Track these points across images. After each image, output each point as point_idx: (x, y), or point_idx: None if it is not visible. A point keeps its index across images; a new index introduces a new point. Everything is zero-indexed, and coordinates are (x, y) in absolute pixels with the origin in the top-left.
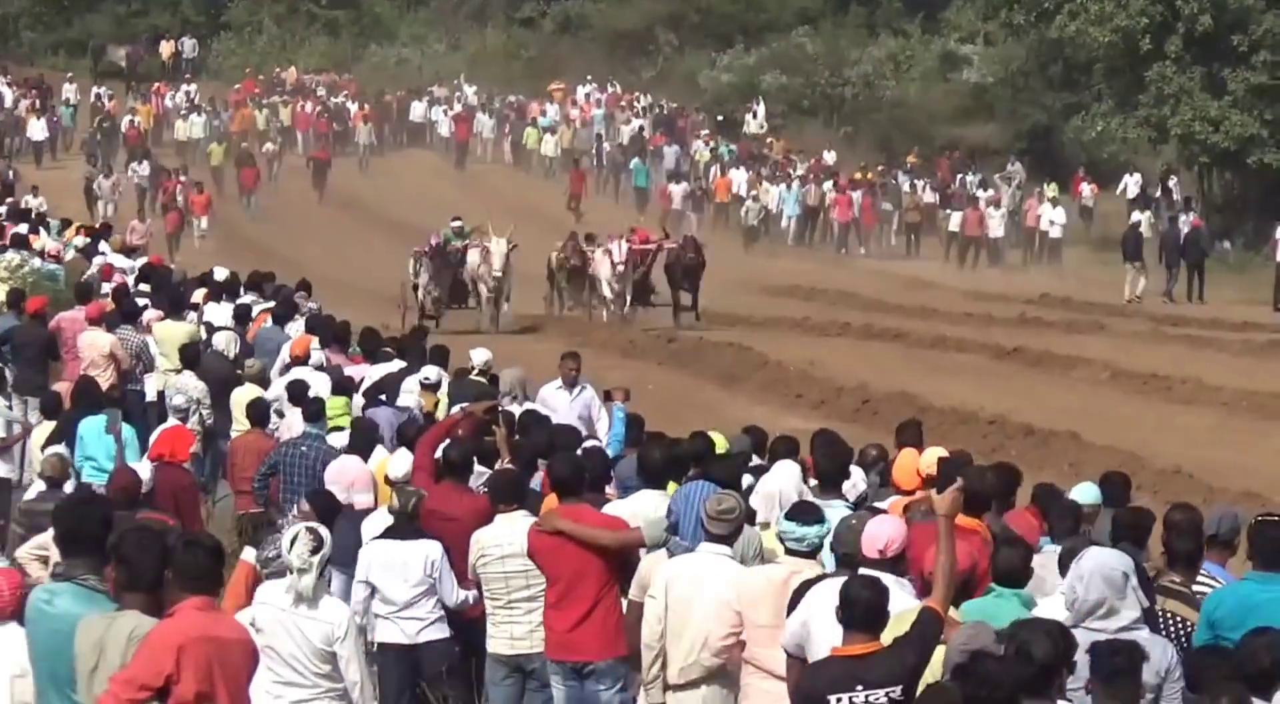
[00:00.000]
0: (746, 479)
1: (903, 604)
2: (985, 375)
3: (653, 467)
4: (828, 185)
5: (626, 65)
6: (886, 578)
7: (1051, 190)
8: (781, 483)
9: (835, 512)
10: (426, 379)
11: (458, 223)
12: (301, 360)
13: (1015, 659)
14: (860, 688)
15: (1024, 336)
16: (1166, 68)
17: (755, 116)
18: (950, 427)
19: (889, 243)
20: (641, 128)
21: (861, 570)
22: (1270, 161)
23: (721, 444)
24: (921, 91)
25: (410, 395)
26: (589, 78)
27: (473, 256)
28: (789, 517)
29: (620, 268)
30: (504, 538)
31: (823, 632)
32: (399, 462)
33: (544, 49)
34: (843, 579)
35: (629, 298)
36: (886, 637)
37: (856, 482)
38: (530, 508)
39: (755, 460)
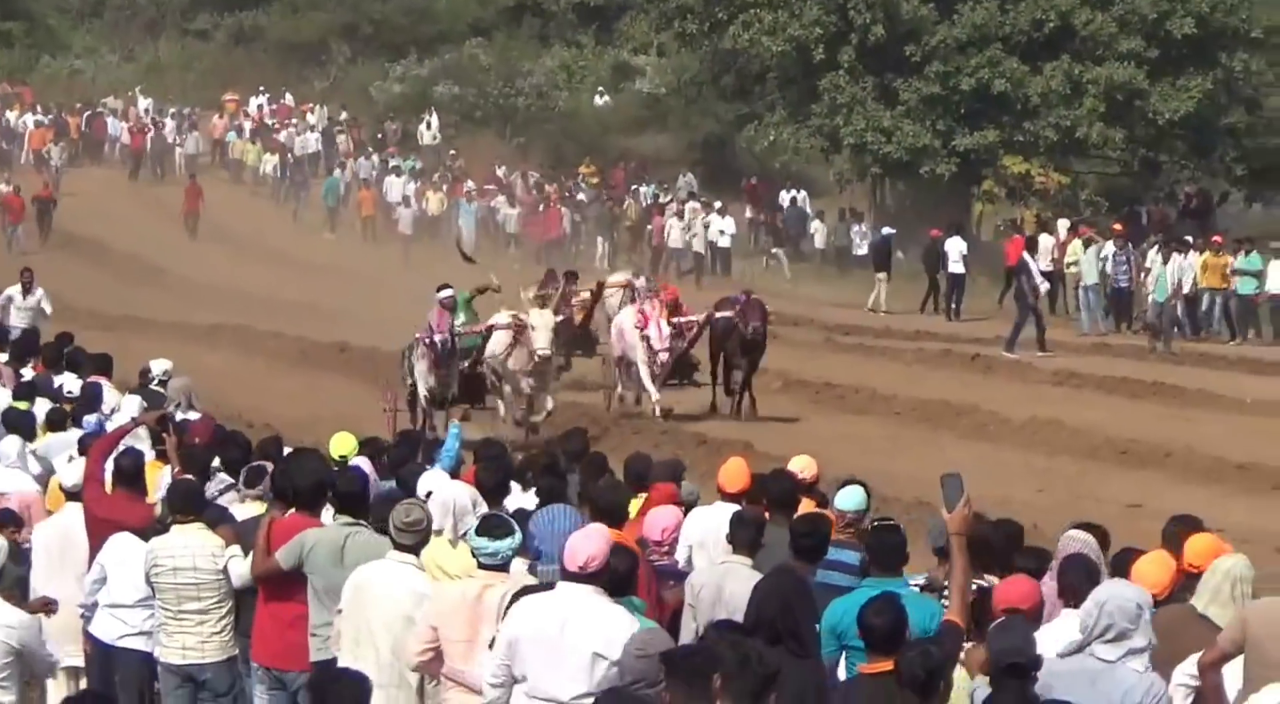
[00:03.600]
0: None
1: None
2: None
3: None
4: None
5: (299, 76)
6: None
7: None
8: (456, 492)
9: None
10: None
11: (447, 292)
12: None
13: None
14: None
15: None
16: (839, 78)
17: (429, 127)
18: (624, 436)
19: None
20: (318, 140)
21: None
22: (942, 172)
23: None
24: (590, 103)
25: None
26: (261, 89)
27: (496, 341)
28: (479, 532)
29: (664, 355)
30: (178, 549)
31: (532, 650)
32: (71, 470)
33: (218, 60)
34: (550, 592)
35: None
36: None
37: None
38: (212, 518)
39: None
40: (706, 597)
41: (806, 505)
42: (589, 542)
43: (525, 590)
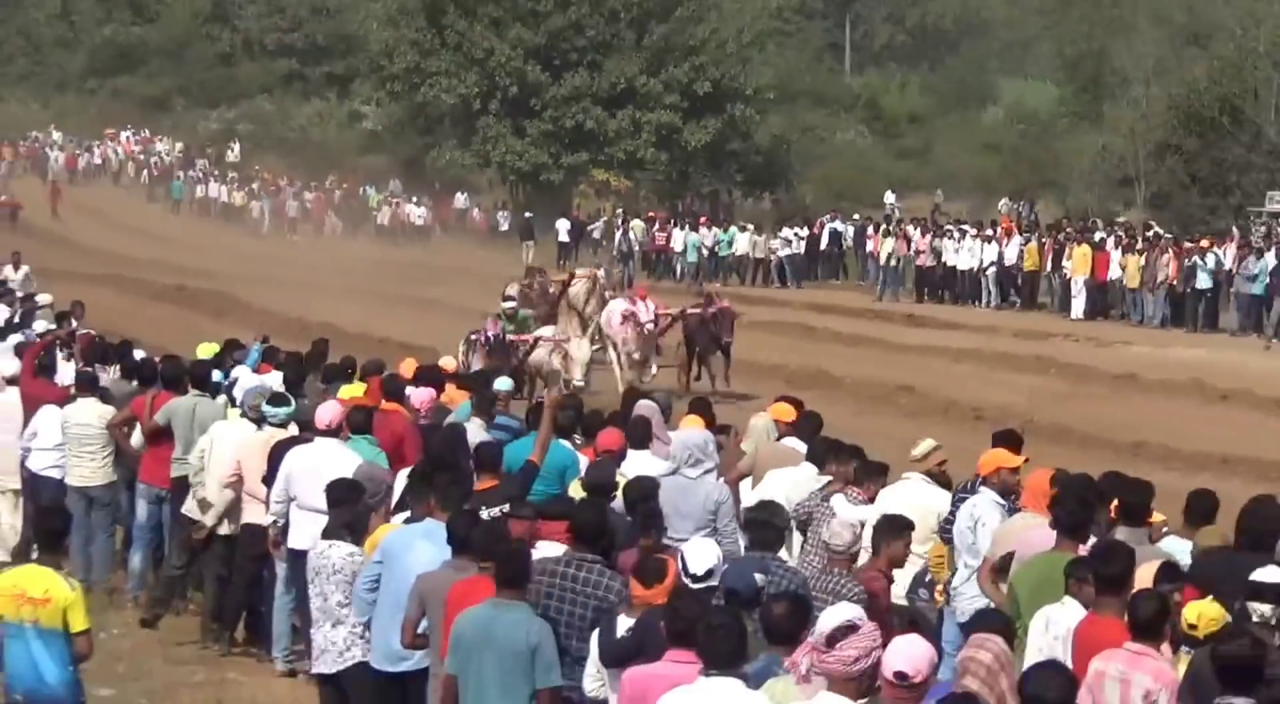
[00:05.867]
0: None
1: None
2: None
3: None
4: None
5: (153, 118)
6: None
7: None
8: (252, 381)
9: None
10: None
11: (510, 303)
12: None
13: None
14: None
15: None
16: (489, 120)
17: (234, 151)
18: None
19: None
20: (167, 159)
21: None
22: (554, 179)
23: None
24: (335, 136)
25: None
26: (129, 126)
27: (540, 352)
28: (268, 402)
29: (649, 325)
30: (80, 414)
31: (306, 490)
32: (9, 365)
33: (102, 108)
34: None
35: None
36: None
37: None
38: (102, 394)
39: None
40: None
41: None
42: (329, 408)
43: (294, 440)
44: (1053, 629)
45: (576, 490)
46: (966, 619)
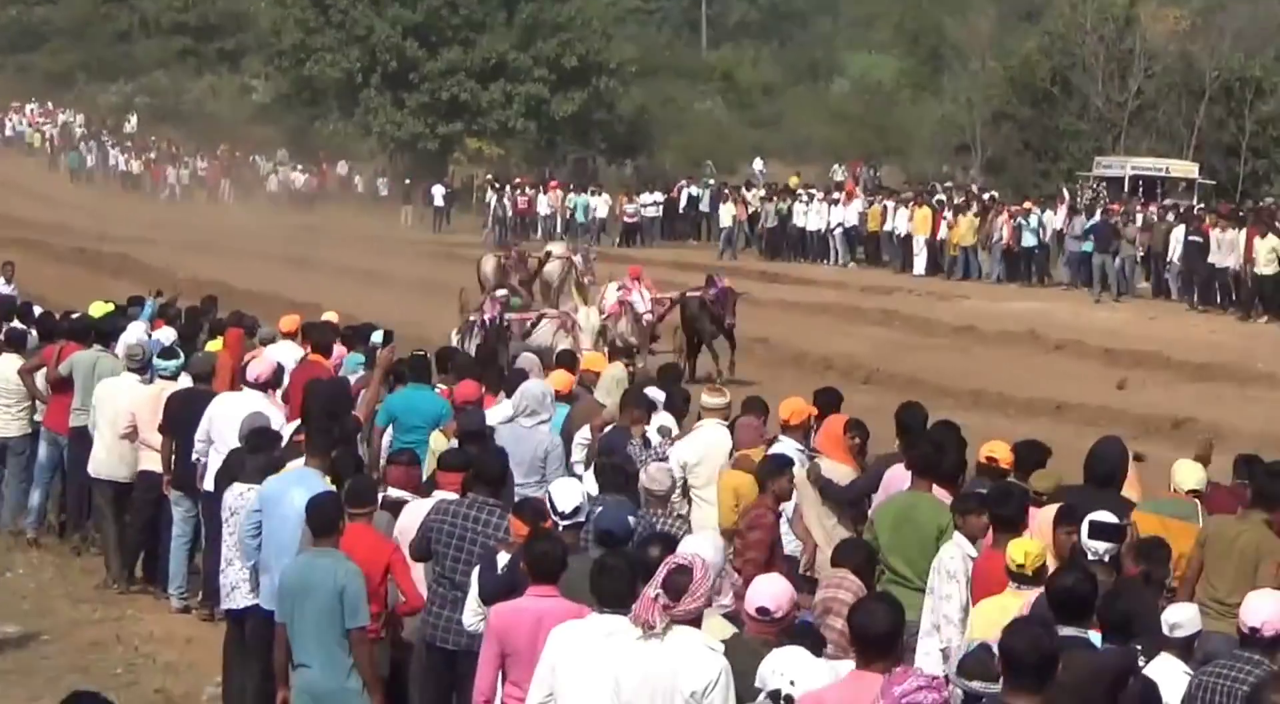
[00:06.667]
0: None
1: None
2: None
3: None
4: None
5: (56, 92)
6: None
7: None
8: (140, 336)
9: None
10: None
11: (503, 292)
12: None
13: None
14: None
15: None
16: (370, 93)
17: (131, 123)
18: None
19: None
20: (68, 130)
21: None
22: (431, 147)
23: None
24: (228, 109)
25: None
26: (34, 99)
27: (543, 331)
28: (159, 356)
29: (648, 317)
30: None
31: (225, 437)
32: None
33: (8, 82)
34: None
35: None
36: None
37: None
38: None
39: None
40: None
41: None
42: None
43: (189, 392)
44: (946, 565)
45: (439, 440)
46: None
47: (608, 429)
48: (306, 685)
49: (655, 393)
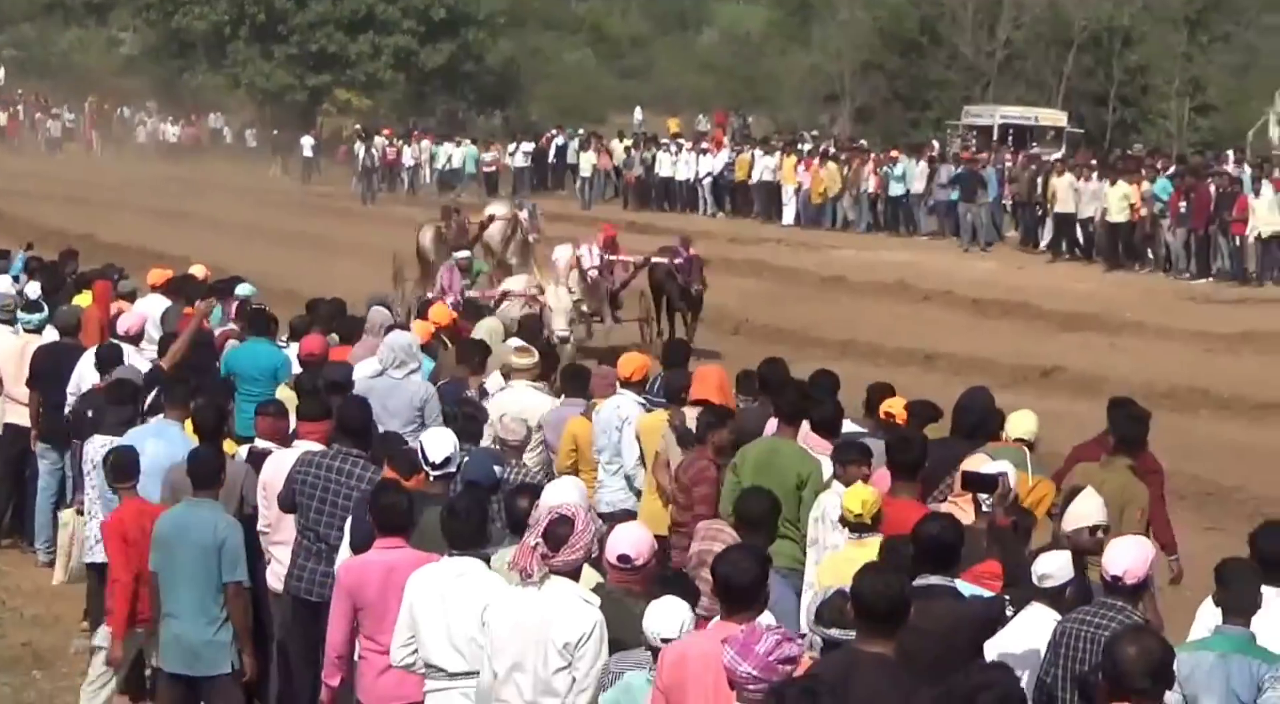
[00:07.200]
0: None
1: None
2: None
3: None
4: None
5: None
6: None
7: None
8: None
9: None
10: None
11: (464, 254)
12: None
13: None
14: None
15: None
16: (239, 45)
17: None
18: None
19: None
20: None
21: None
22: (300, 99)
23: None
24: (96, 60)
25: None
26: None
27: (511, 309)
28: (22, 310)
29: (593, 272)
30: None
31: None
32: None
33: None
34: None
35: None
36: None
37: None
38: None
39: None
40: None
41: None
42: None
43: (54, 346)
44: (830, 514)
45: (286, 392)
46: (608, 509)
47: (442, 381)
48: (175, 636)
49: (517, 342)
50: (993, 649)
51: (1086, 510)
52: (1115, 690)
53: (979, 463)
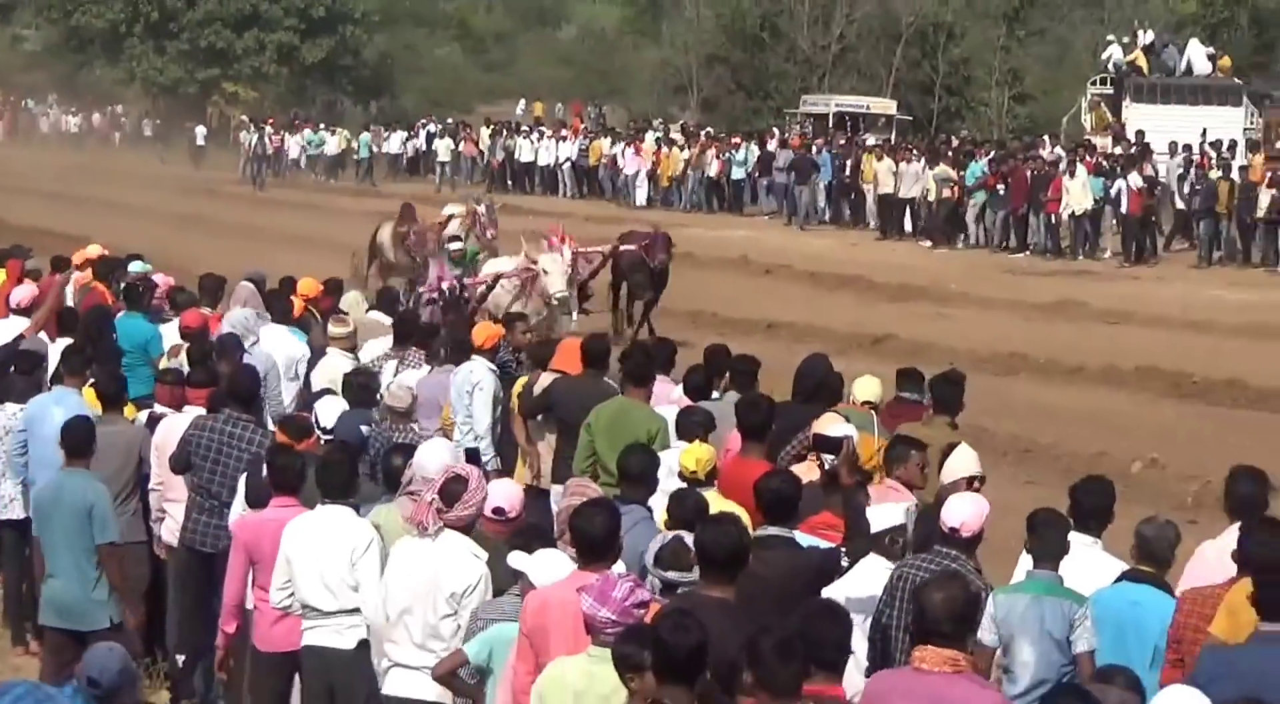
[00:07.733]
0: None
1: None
2: None
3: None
4: None
5: None
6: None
7: None
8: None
9: None
10: None
11: (457, 245)
12: None
13: None
14: None
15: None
16: (135, 41)
17: None
18: None
19: None
20: None
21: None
22: (192, 92)
23: None
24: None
25: None
26: None
27: (501, 293)
28: None
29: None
30: None
31: None
32: None
33: None
34: None
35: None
36: None
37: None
38: None
39: None
40: None
41: None
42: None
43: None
44: (674, 469)
45: (168, 362)
46: None
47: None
48: (54, 595)
49: (378, 315)
50: (833, 595)
51: (963, 464)
52: (921, 634)
53: (828, 423)
